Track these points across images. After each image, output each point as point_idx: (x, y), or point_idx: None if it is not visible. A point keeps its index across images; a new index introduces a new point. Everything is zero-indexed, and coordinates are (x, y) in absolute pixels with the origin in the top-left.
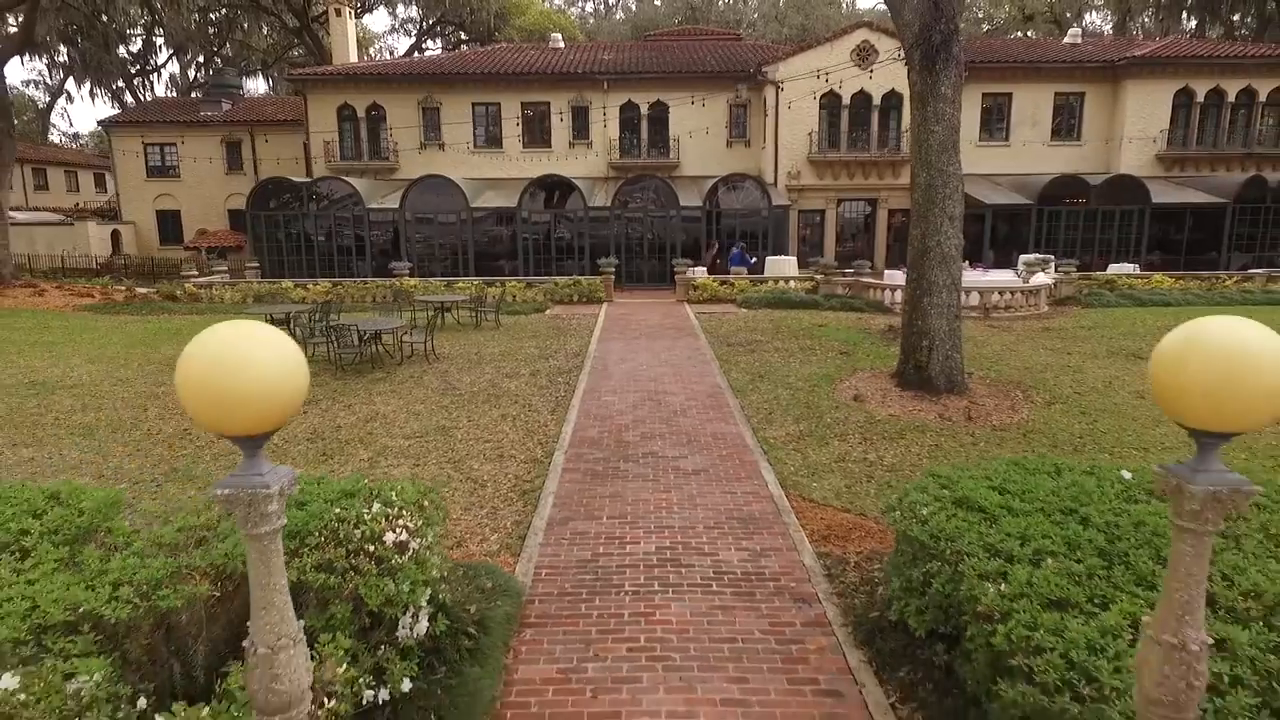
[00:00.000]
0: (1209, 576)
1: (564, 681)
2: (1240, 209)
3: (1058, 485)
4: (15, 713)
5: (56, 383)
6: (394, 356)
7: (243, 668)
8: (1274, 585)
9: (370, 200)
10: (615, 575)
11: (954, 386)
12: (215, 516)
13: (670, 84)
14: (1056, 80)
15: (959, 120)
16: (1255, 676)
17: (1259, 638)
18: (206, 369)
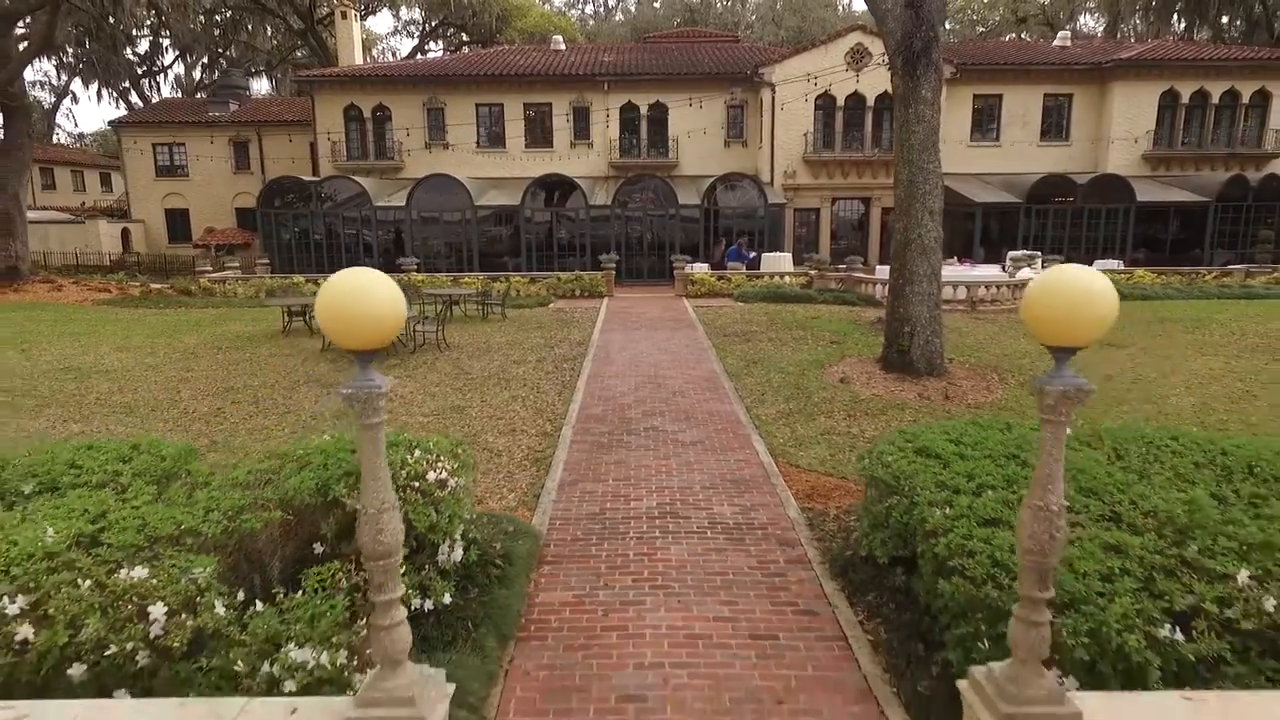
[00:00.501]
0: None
1: (579, 604)
2: (1222, 207)
3: (1006, 438)
4: (149, 592)
5: (90, 368)
6: (407, 345)
7: (319, 569)
8: (1168, 508)
9: (377, 199)
10: (621, 525)
11: (934, 369)
12: (278, 464)
13: (669, 85)
14: (1045, 82)
15: (938, 121)
16: (1140, 569)
17: (1148, 543)
18: (339, 300)
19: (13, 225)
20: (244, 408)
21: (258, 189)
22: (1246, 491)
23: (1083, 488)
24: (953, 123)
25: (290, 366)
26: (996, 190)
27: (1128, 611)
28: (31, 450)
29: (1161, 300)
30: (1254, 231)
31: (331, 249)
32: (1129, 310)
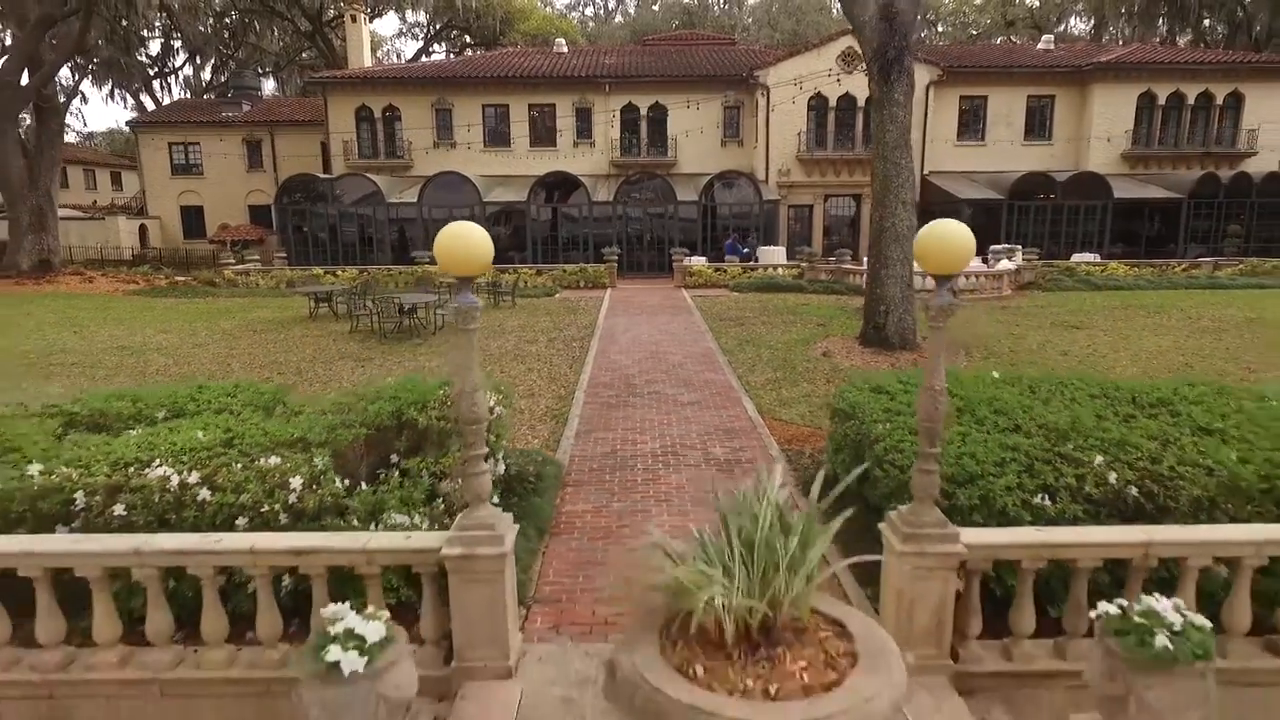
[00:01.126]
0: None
1: (597, 512)
2: (1195, 204)
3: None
4: (287, 471)
5: (141, 347)
6: (428, 327)
7: (412, 459)
8: (1055, 420)
9: (389, 195)
10: (629, 460)
11: (907, 344)
12: (354, 399)
13: (668, 87)
14: (1029, 84)
15: (910, 122)
16: (1025, 458)
17: (1034, 443)
18: (450, 242)
19: (45, 221)
20: (289, 378)
21: (270, 187)
22: (1124, 412)
23: (997, 410)
24: (940, 123)
25: (323, 345)
26: (981, 187)
27: (1010, 485)
28: (156, 391)
29: (1132, 290)
30: (1224, 227)
31: (346, 243)
32: (1098, 298)
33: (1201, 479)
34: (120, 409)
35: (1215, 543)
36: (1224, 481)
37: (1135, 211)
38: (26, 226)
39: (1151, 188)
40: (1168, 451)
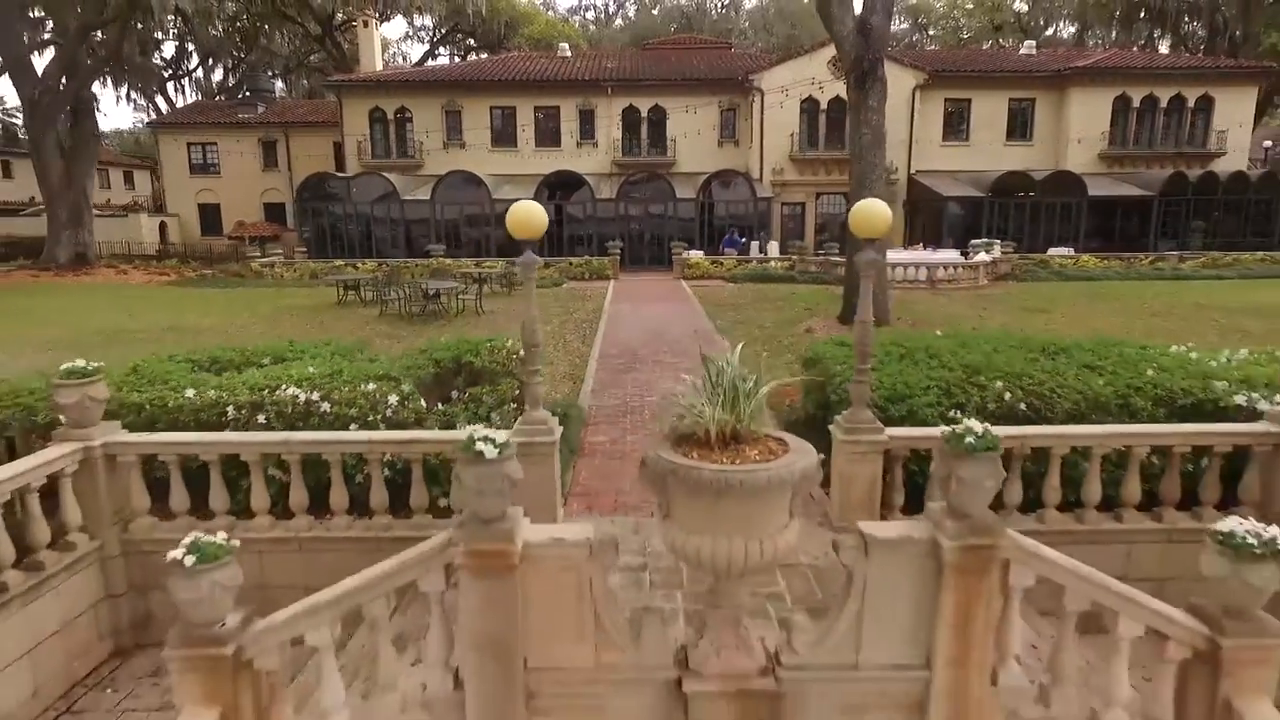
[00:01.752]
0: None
1: (614, 442)
2: (1165, 201)
3: (897, 336)
4: (384, 393)
5: (192, 327)
6: (450, 310)
7: (474, 389)
8: (974, 360)
9: (404, 193)
10: (637, 409)
11: (880, 321)
12: (416, 352)
13: (667, 90)
14: (1010, 87)
15: (884, 125)
16: (944, 385)
17: (954, 375)
18: (521, 213)
19: (81, 217)
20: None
21: (284, 185)
22: (1031, 356)
23: (931, 354)
24: (926, 124)
25: (357, 325)
26: (965, 185)
27: (930, 402)
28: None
29: (1100, 281)
30: (1190, 223)
31: (363, 237)
32: (1067, 288)
33: (1073, 397)
34: (231, 356)
35: (1069, 436)
36: (1090, 399)
37: (1109, 208)
38: (64, 222)
39: (1125, 186)
40: (1053, 380)
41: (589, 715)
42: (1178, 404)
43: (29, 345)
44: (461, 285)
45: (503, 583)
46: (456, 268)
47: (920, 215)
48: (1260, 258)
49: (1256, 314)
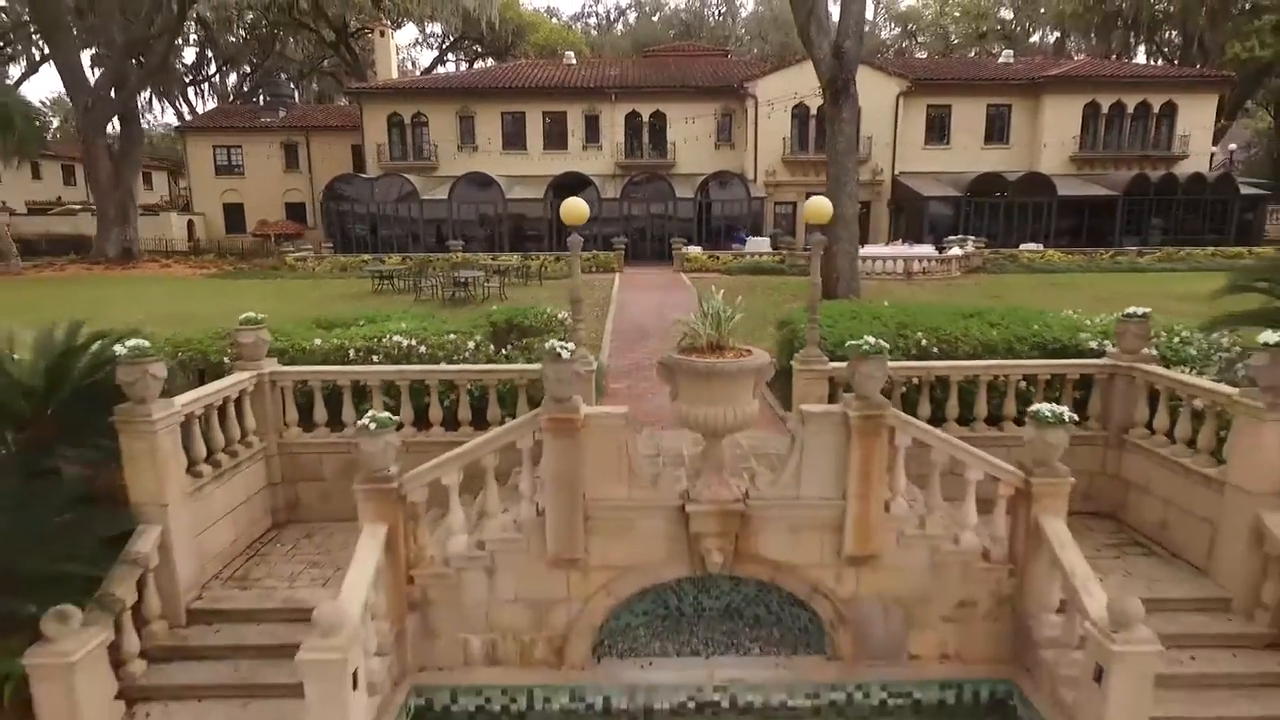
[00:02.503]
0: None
1: (630, 389)
2: (1128, 200)
3: (856, 309)
4: (464, 340)
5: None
6: (475, 297)
7: (523, 340)
8: (905, 319)
9: (423, 193)
10: (647, 369)
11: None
12: (473, 318)
13: (668, 97)
14: (988, 95)
15: (855, 135)
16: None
17: (889, 329)
18: (571, 205)
19: (127, 214)
20: None
21: (305, 186)
22: (954, 317)
23: (875, 317)
24: (909, 129)
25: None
26: (944, 186)
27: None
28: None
29: (1063, 273)
30: (1149, 221)
31: (384, 233)
32: (1031, 279)
33: (972, 343)
34: (333, 319)
35: (961, 367)
36: (985, 344)
37: (1078, 207)
38: (113, 219)
39: (1092, 186)
40: (960, 331)
41: (625, 529)
42: (1049, 348)
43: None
44: (485, 274)
45: (571, 440)
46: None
47: (903, 213)
48: (1211, 252)
49: (1186, 299)
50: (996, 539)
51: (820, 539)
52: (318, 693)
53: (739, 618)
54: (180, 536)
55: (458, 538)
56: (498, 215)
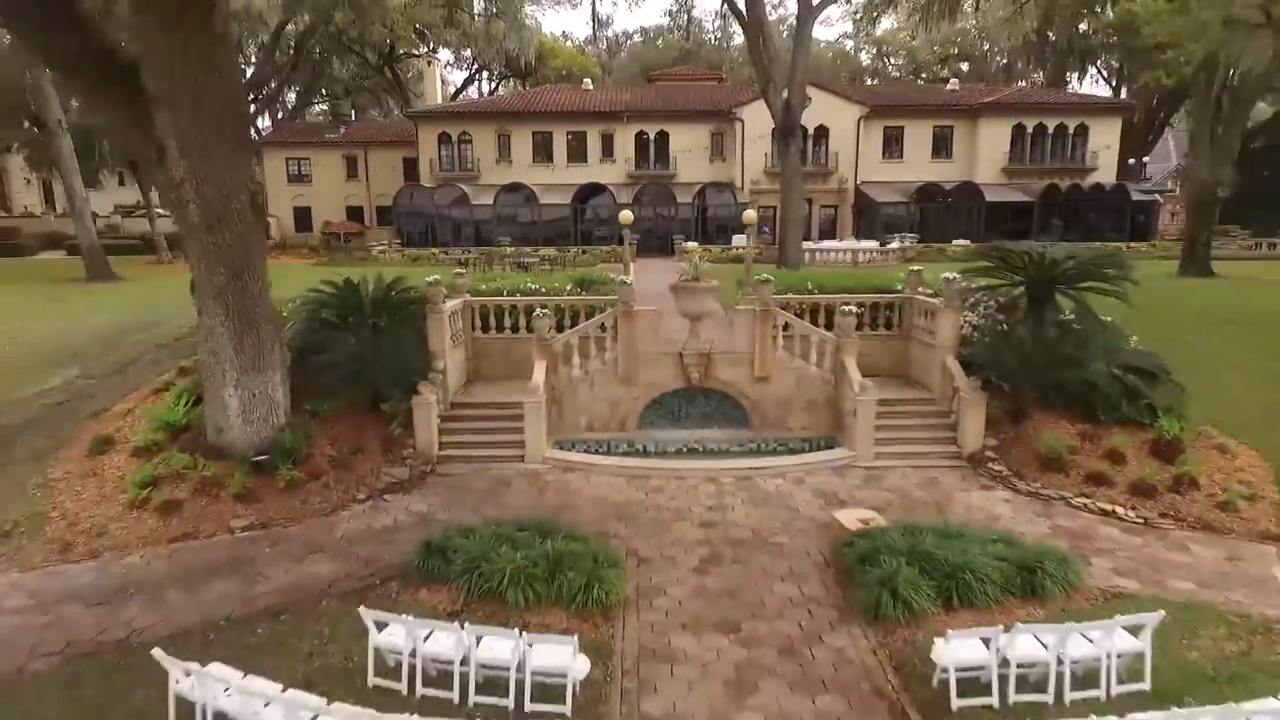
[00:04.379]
0: (810, 286)
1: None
2: (1042, 205)
3: (789, 274)
4: (566, 284)
5: None
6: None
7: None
8: (828, 281)
9: (473, 200)
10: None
11: None
12: (561, 278)
13: (670, 119)
14: (934, 117)
15: (800, 163)
16: (799, 281)
17: (803, 282)
18: (624, 214)
19: None
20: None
21: (363, 193)
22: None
23: (799, 278)
24: (868, 146)
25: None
26: (895, 193)
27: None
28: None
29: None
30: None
31: (443, 231)
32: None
33: (862, 289)
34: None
35: (827, 299)
36: (847, 288)
37: (1002, 210)
38: None
39: (1015, 193)
40: (838, 282)
41: (653, 364)
42: (880, 290)
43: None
44: (538, 259)
45: (630, 321)
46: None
47: (864, 215)
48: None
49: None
50: (825, 368)
51: (744, 369)
52: (530, 417)
53: (708, 413)
54: (449, 367)
55: (576, 369)
56: (532, 218)
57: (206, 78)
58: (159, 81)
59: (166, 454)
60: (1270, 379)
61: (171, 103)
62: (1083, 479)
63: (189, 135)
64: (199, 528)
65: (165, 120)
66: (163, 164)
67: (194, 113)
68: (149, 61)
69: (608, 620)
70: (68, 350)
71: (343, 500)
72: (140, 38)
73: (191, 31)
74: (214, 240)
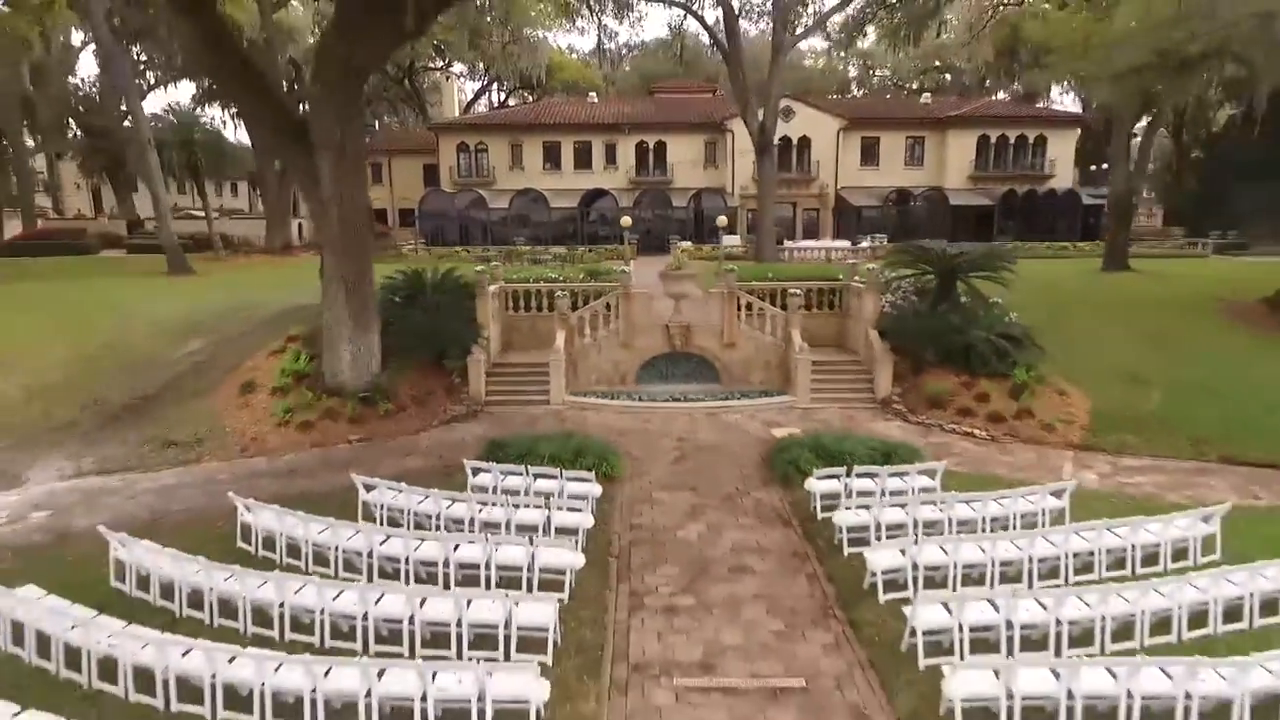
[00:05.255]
0: (756, 276)
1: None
2: (1002, 209)
3: (759, 266)
4: (572, 277)
5: None
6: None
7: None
8: (789, 271)
9: (490, 203)
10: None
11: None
12: (575, 269)
13: (667, 130)
14: (907, 129)
15: (774, 175)
16: (765, 272)
17: (770, 273)
18: (624, 218)
19: (286, 218)
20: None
21: (387, 197)
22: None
23: (772, 272)
24: (847, 155)
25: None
26: (870, 198)
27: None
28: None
29: None
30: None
31: (462, 232)
32: None
33: (810, 278)
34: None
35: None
36: (805, 276)
37: (966, 213)
38: (278, 223)
39: (979, 197)
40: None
41: (646, 332)
42: (822, 278)
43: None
44: (550, 257)
45: (629, 301)
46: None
47: (843, 218)
48: (1047, 245)
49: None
50: (778, 337)
51: (715, 338)
52: (554, 371)
53: (688, 372)
54: (491, 335)
55: (587, 337)
56: (542, 219)
57: (349, 130)
58: (320, 134)
59: (297, 391)
60: (1114, 344)
61: (327, 148)
62: (955, 412)
63: (337, 169)
64: (326, 439)
65: (323, 160)
66: (318, 188)
67: (340, 154)
68: (315, 121)
69: (612, 484)
70: (192, 325)
71: (422, 425)
72: (312, 107)
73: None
74: (344, 241)
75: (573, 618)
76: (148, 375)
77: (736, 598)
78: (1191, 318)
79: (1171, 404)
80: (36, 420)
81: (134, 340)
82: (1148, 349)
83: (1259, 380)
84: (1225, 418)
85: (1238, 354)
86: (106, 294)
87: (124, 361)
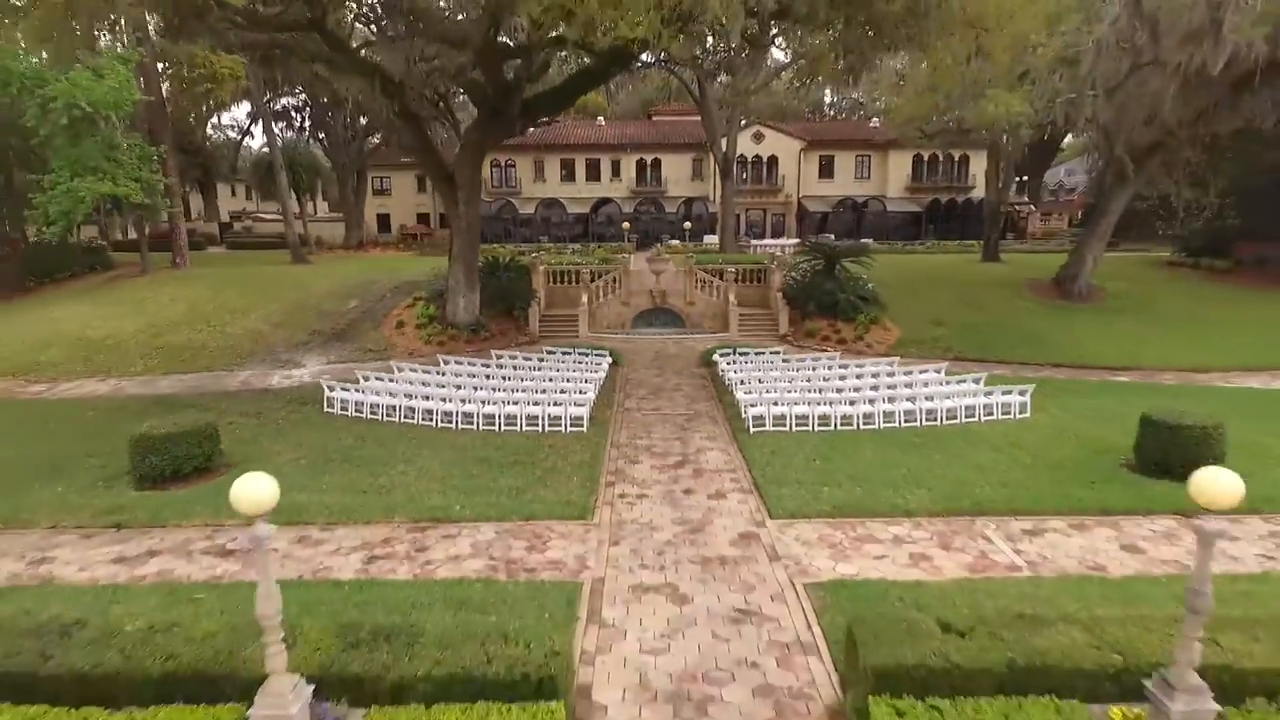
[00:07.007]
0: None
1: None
2: (928, 214)
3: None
4: (596, 260)
5: None
6: None
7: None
8: (744, 259)
9: (519, 210)
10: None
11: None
12: (592, 255)
13: (663, 149)
14: (857, 149)
15: (734, 190)
16: (719, 258)
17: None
18: (625, 226)
19: (360, 221)
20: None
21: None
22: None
23: (723, 258)
24: (807, 169)
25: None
26: (826, 205)
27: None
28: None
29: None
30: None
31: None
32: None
33: (743, 262)
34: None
35: (738, 265)
36: (735, 261)
37: (900, 218)
38: (353, 224)
39: (911, 205)
40: (754, 259)
41: (638, 293)
42: (752, 263)
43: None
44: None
45: (627, 275)
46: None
47: (804, 221)
48: (958, 243)
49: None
50: (720, 299)
51: (681, 298)
52: (581, 319)
53: (666, 321)
54: (541, 296)
55: (600, 298)
56: (561, 221)
57: (475, 172)
58: (460, 179)
59: (430, 326)
60: (935, 302)
61: (463, 188)
62: (821, 339)
63: (468, 200)
64: (452, 350)
65: (460, 194)
66: (456, 209)
67: (471, 187)
68: (458, 171)
69: (616, 367)
70: (346, 291)
71: (504, 346)
72: (456, 164)
73: (473, 162)
74: (467, 238)
75: (596, 407)
76: (334, 319)
77: (673, 397)
78: (1003, 290)
79: (952, 335)
80: (287, 340)
81: (313, 300)
82: (957, 306)
83: (1016, 326)
84: (982, 344)
85: (1015, 311)
86: (270, 275)
87: (317, 311)
